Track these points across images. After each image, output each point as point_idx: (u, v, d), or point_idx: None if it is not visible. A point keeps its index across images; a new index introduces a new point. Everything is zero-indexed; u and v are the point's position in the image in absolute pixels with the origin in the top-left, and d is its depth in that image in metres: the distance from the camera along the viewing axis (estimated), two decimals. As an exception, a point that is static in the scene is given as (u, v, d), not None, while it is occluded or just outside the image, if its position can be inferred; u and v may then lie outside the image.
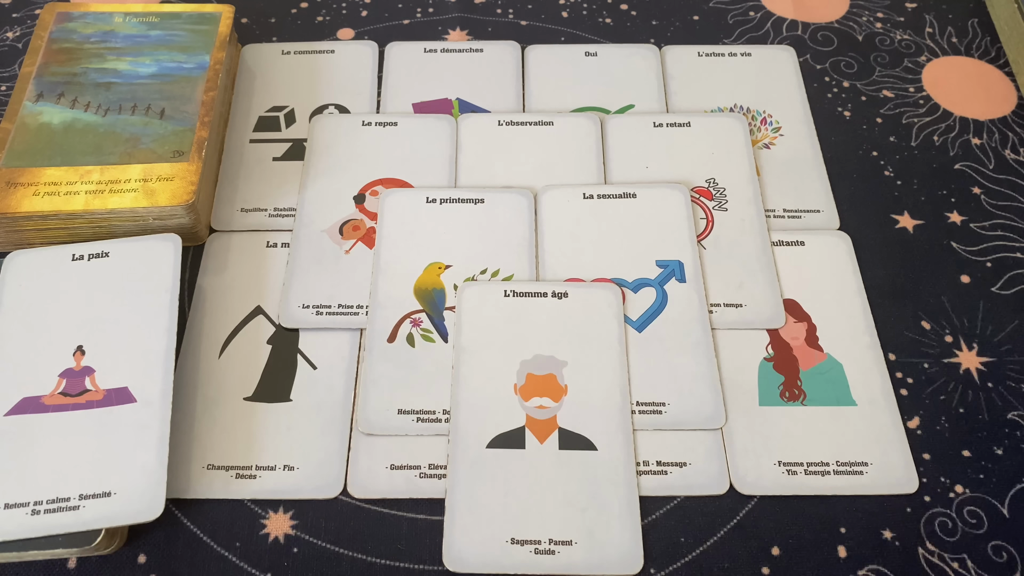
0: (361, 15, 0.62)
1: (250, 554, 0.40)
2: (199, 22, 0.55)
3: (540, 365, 0.44)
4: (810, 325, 0.47)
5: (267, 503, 0.42)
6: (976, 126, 0.57)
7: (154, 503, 0.39)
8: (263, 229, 0.50)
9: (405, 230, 0.50)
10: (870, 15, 0.63)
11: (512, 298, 0.47)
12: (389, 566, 0.40)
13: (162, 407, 0.41)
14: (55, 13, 0.55)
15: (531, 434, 0.43)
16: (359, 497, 0.42)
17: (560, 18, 0.62)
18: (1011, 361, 0.47)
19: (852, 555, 0.41)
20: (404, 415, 0.44)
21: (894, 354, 0.47)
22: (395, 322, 0.46)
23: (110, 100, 0.51)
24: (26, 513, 0.38)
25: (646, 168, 0.53)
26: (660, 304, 0.47)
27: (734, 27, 0.62)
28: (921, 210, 0.53)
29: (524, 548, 0.40)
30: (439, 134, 0.54)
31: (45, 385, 0.42)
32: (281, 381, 0.45)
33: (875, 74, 0.60)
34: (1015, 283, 0.50)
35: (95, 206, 0.46)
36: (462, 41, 0.60)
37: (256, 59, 0.59)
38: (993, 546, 0.41)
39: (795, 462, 0.43)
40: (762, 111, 0.57)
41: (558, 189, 0.51)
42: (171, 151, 0.48)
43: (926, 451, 0.44)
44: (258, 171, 0.53)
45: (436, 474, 0.42)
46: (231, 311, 0.47)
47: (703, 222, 0.51)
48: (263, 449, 0.43)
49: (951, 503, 0.42)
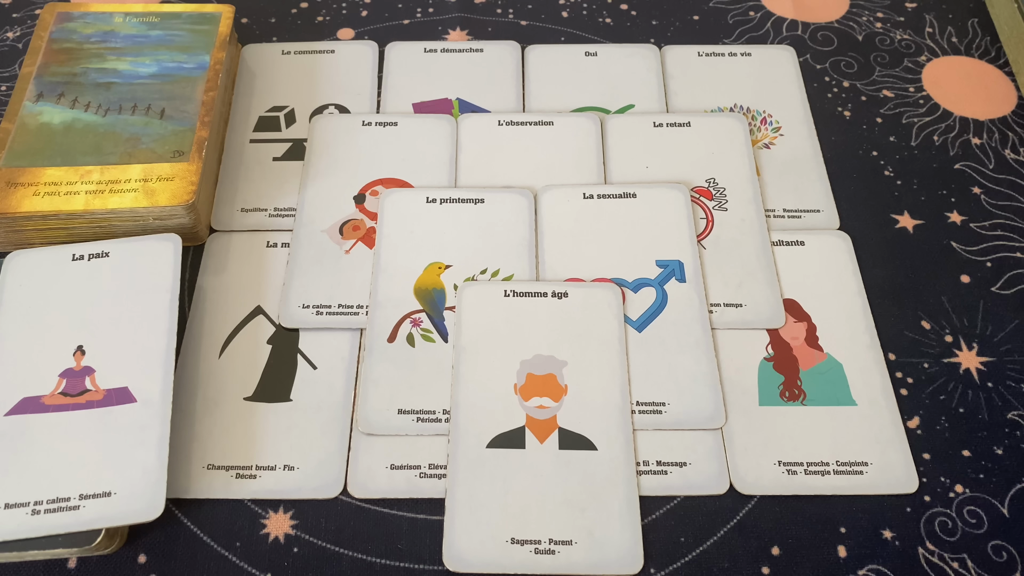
0: (361, 15, 0.62)
1: (250, 554, 0.40)
2: (199, 22, 0.55)
3: (540, 365, 0.44)
4: (810, 325, 0.47)
5: (267, 503, 0.42)
6: (976, 126, 0.57)
7: (154, 503, 0.39)
8: (263, 229, 0.50)
9: (405, 230, 0.50)
10: (870, 15, 0.63)
11: (512, 298, 0.47)
12: (389, 566, 0.40)
13: (162, 407, 0.41)
14: (55, 13, 0.55)
15: (531, 434, 0.43)
16: (359, 497, 0.42)
17: (560, 18, 0.62)
18: (1011, 361, 0.47)
19: (852, 555, 0.41)
20: (404, 415, 0.44)
21: (894, 354, 0.47)
22: (395, 322, 0.46)
23: (110, 100, 0.51)
24: (26, 513, 0.38)
25: (646, 168, 0.53)
26: (660, 304, 0.47)
27: (734, 27, 0.62)
28: (921, 210, 0.53)
29: (524, 548, 0.40)
30: (439, 134, 0.54)
31: (45, 385, 0.42)
32: (281, 381, 0.45)
33: (875, 74, 0.60)
34: (1015, 283, 0.50)
35: (95, 206, 0.46)
36: (462, 41, 0.61)
37: (256, 59, 0.59)
38: (993, 546, 0.41)
39: (795, 462, 0.43)
40: (762, 111, 0.57)
41: (558, 189, 0.51)
42: (171, 151, 0.48)
43: (926, 451, 0.44)
44: (258, 171, 0.53)
45: (436, 474, 0.42)
46: (231, 311, 0.47)
47: (703, 222, 0.51)
48: (263, 449, 0.43)
49: (951, 503, 0.42)
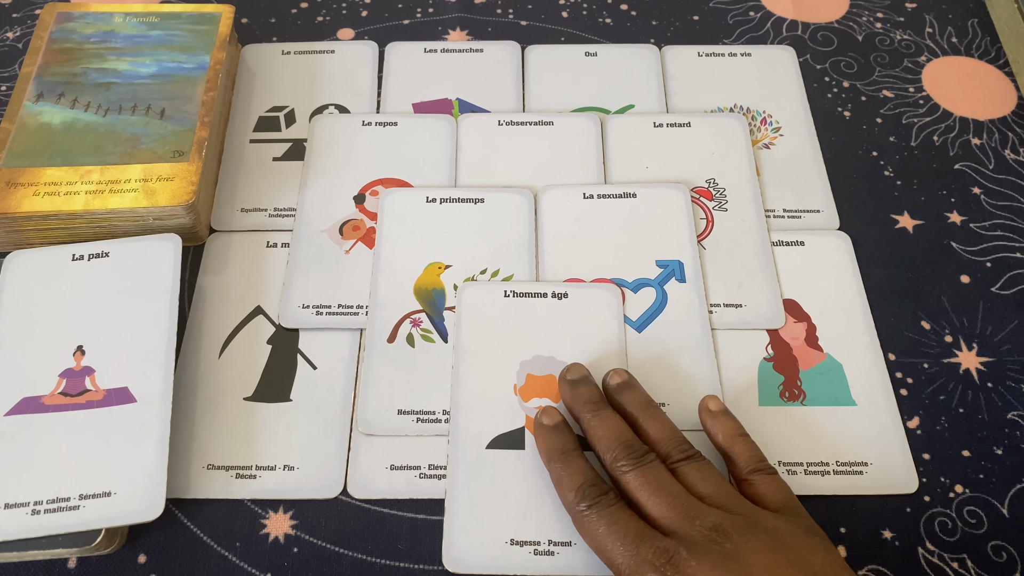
0: (361, 15, 0.62)
1: (250, 554, 0.40)
2: (199, 22, 0.55)
3: (540, 366, 0.44)
4: (810, 325, 0.47)
5: (267, 503, 0.42)
6: (976, 126, 0.57)
7: (154, 503, 0.39)
8: (263, 229, 0.50)
9: (405, 230, 0.50)
10: (870, 15, 0.63)
11: (512, 298, 0.47)
12: (389, 566, 0.40)
13: (162, 407, 0.41)
14: (55, 13, 0.55)
15: (531, 435, 0.43)
16: (359, 497, 0.42)
17: (560, 18, 0.62)
18: (1011, 361, 0.47)
19: (852, 555, 0.41)
20: (404, 415, 0.44)
21: (894, 354, 0.47)
22: (395, 322, 0.46)
23: (110, 100, 0.51)
24: (26, 513, 0.38)
25: (646, 168, 0.53)
26: (660, 304, 0.47)
27: (734, 27, 0.62)
28: (921, 210, 0.53)
29: (524, 549, 0.40)
30: (439, 134, 0.54)
31: (45, 385, 0.42)
32: (281, 381, 0.45)
33: (875, 74, 0.60)
34: (1015, 283, 0.50)
35: (95, 206, 0.46)
36: (462, 41, 0.60)
37: (256, 59, 0.59)
38: (993, 546, 0.41)
39: (795, 462, 0.43)
40: (762, 111, 0.57)
41: (558, 189, 0.51)
42: (171, 151, 0.48)
43: (926, 451, 0.44)
44: (258, 171, 0.53)
45: (436, 474, 0.42)
46: (231, 311, 0.47)
47: (703, 222, 0.51)
48: (263, 449, 0.43)
49: (951, 503, 0.42)
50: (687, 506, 0.35)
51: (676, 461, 0.38)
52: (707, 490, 0.36)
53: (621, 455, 0.38)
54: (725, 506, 0.35)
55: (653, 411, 0.40)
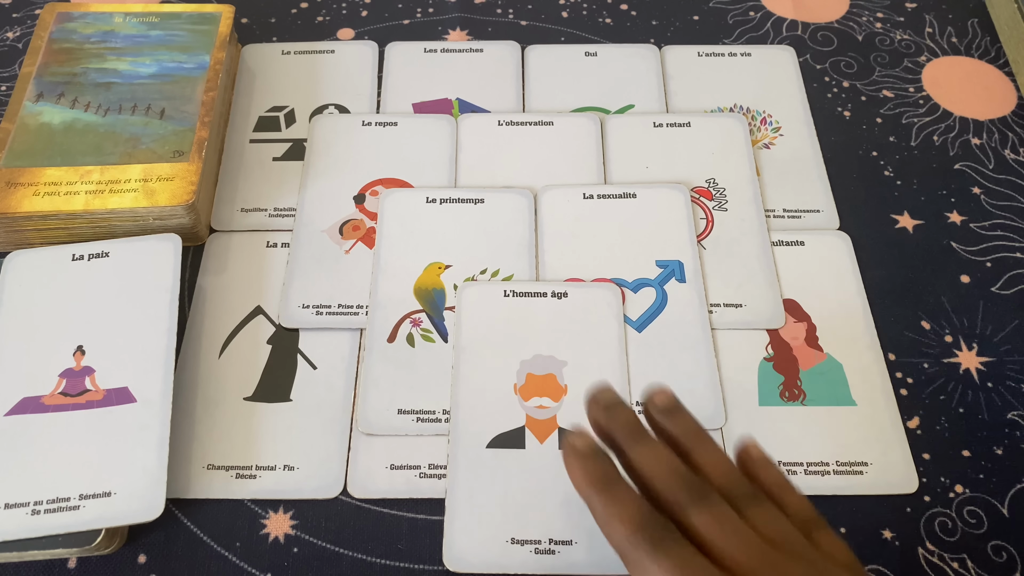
0: (361, 15, 0.62)
1: (250, 554, 0.40)
2: (199, 22, 0.55)
3: (540, 365, 0.44)
4: (810, 325, 0.47)
5: (267, 503, 0.42)
6: (976, 126, 0.57)
7: (154, 503, 0.39)
8: (263, 229, 0.50)
9: (405, 230, 0.50)
10: (870, 15, 0.63)
11: (512, 298, 0.47)
12: (389, 566, 0.40)
13: (162, 407, 0.41)
14: (55, 13, 0.55)
15: (531, 434, 0.43)
16: (359, 497, 0.42)
17: (560, 18, 0.62)
18: (1011, 361, 0.47)
19: (852, 555, 0.41)
20: (404, 415, 0.44)
21: (894, 354, 0.47)
22: (395, 322, 0.46)
23: (110, 100, 0.51)
24: (26, 513, 0.38)
25: (646, 168, 0.53)
26: (660, 304, 0.47)
27: (734, 27, 0.62)
28: (921, 210, 0.53)
29: (524, 548, 0.40)
30: (439, 134, 0.54)
31: (45, 385, 0.42)
32: (281, 381, 0.45)
33: (875, 74, 0.60)
34: (1015, 283, 0.50)
35: (95, 206, 0.46)
36: (462, 41, 0.60)
37: (256, 59, 0.59)
38: (993, 546, 0.41)
39: (795, 462, 0.43)
40: (762, 111, 0.57)
41: (558, 189, 0.51)
42: (171, 151, 0.48)
43: (926, 451, 0.44)
44: (258, 171, 0.53)
45: (436, 474, 0.42)
46: (231, 311, 0.47)
47: (703, 222, 0.51)
48: (263, 449, 0.43)
49: (951, 503, 0.42)
50: (766, 555, 0.31)
51: (742, 501, 0.33)
52: (778, 536, 0.32)
53: (681, 492, 0.32)
54: (803, 556, 0.32)
55: (707, 441, 0.35)
